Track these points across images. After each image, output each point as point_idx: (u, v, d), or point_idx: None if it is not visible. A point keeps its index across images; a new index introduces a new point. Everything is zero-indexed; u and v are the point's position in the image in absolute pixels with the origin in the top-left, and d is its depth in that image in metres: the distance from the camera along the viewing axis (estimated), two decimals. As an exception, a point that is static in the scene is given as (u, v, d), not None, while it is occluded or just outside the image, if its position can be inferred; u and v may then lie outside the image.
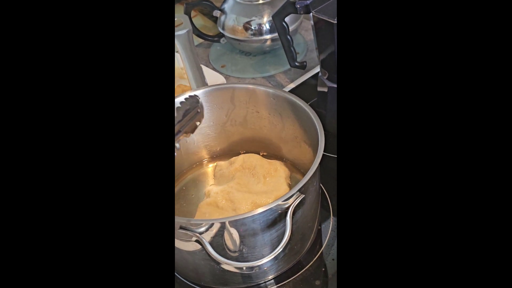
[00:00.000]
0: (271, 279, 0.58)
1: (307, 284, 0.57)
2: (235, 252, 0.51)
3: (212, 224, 0.48)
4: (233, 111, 0.67)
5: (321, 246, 0.61)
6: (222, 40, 0.98)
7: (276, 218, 0.50)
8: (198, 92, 0.65)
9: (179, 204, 0.67)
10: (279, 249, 0.48)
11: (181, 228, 0.49)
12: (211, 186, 0.66)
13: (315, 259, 0.60)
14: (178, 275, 0.60)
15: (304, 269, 0.59)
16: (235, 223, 0.48)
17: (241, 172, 0.66)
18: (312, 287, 0.57)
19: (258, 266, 0.47)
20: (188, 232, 0.49)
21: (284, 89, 0.88)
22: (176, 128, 0.61)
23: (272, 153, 0.70)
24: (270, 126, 0.67)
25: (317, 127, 0.56)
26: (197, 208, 0.63)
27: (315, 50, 0.73)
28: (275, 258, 0.47)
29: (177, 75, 0.87)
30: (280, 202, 0.48)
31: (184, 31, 0.74)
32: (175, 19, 0.75)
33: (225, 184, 0.64)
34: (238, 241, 0.50)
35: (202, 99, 0.65)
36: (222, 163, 0.69)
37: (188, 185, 0.69)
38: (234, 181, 0.64)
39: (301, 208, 0.52)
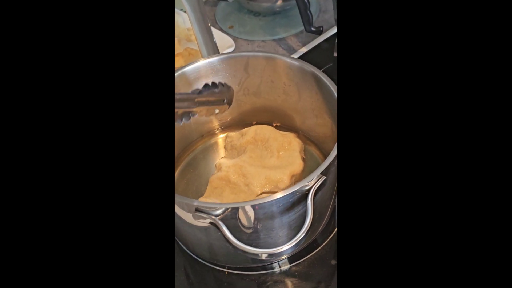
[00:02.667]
0: (284, 258, 0.56)
1: (322, 263, 0.56)
2: (249, 228, 0.49)
3: (229, 208, 0.45)
4: (246, 80, 0.63)
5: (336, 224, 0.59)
6: (230, -2, 0.93)
7: (296, 201, 0.47)
8: (210, 60, 0.60)
9: (190, 175, 0.64)
10: (301, 235, 0.45)
11: (196, 210, 0.46)
12: (222, 159, 0.63)
13: (330, 237, 0.58)
14: (191, 253, 0.58)
15: (319, 248, 0.57)
16: (253, 207, 0.46)
17: (253, 144, 0.63)
18: (328, 266, 0.56)
19: (279, 253, 0.45)
20: (204, 215, 0.46)
21: (296, 53, 0.84)
22: (189, 103, 0.58)
23: (285, 124, 0.67)
24: (285, 97, 0.63)
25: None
26: (208, 181, 0.60)
27: (333, 10, 0.68)
28: (296, 244, 0.45)
29: (184, 37, 0.82)
30: (301, 186, 0.46)
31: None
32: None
33: (237, 158, 0.62)
34: (253, 221, 0.48)
35: (214, 67, 0.61)
36: (233, 134, 0.66)
37: (197, 156, 0.66)
38: (246, 155, 0.62)
39: (322, 190, 0.49)
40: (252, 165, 0.60)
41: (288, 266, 0.56)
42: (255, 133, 0.64)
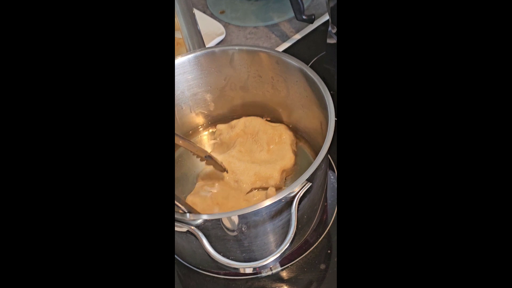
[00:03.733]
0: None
1: (311, 267, 0.54)
2: (233, 231, 0.47)
3: (208, 220, 0.43)
4: (232, 75, 0.60)
5: (327, 224, 0.57)
6: (221, -18, 0.89)
7: (282, 208, 0.45)
8: (196, 55, 0.57)
9: (176, 174, 0.62)
10: (284, 246, 0.43)
11: (176, 220, 0.44)
12: (212, 154, 0.61)
13: (320, 240, 0.56)
14: (178, 257, 0.56)
15: (309, 250, 0.55)
16: (236, 218, 0.43)
17: (243, 137, 0.61)
18: (317, 271, 0.54)
19: (263, 265, 0.43)
20: (183, 225, 0.44)
21: (289, 40, 0.80)
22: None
23: (275, 119, 0.64)
24: (273, 91, 0.60)
25: (327, 103, 0.49)
26: (197, 176, 0.58)
27: None
28: (281, 256, 0.43)
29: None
30: (286, 193, 0.43)
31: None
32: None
33: (226, 152, 0.59)
34: (236, 230, 0.46)
35: (199, 62, 0.58)
36: (222, 126, 0.64)
37: (183, 153, 0.64)
38: (235, 149, 0.59)
39: (308, 195, 0.47)
40: (241, 160, 0.57)
41: (278, 269, 0.54)
42: (244, 126, 0.61)
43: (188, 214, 0.43)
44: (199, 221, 0.44)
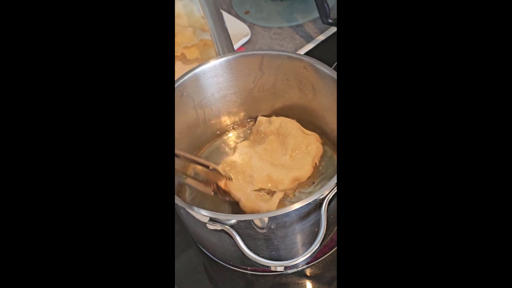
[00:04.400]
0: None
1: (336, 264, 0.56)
2: (263, 228, 0.49)
3: (242, 220, 0.46)
4: (261, 78, 0.62)
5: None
6: (246, -18, 0.91)
7: (310, 210, 0.47)
8: (226, 59, 0.59)
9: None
10: (315, 246, 0.45)
11: (210, 219, 0.47)
12: (242, 143, 0.62)
13: (345, 238, 0.58)
14: (209, 253, 0.59)
15: (334, 248, 0.57)
16: (267, 218, 0.46)
17: (275, 136, 0.62)
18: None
19: (294, 265, 0.45)
20: (218, 224, 0.46)
21: (313, 41, 0.82)
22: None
23: (301, 121, 0.66)
24: (300, 94, 0.62)
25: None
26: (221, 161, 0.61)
27: None
28: (311, 256, 0.45)
29: (199, 27, 0.81)
30: (316, 197, 0.45)
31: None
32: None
33: (252, 147, 0.61)
34: (266, 230, 0.48)
35: (229, 65, 0.60)
36: (263, 119, 0.65)
37: (212, 154, 0.66)
38: (262, 146, 0.61)
39: (336, 198, 0.49)
40: (262, 159, 0.59)
41: (304, 266, 0.57)
42: (279, 126, 0.62)
43: (223, 215, 0.46)
44: (233, 221, 0.46)
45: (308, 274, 0.56)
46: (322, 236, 0.46)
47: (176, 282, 0.57)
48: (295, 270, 0.56)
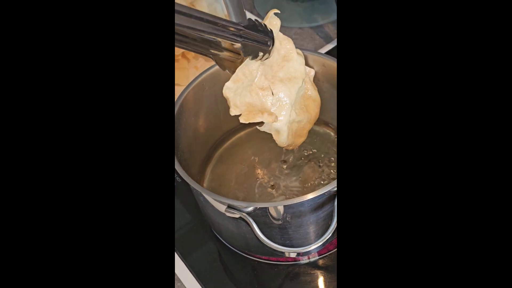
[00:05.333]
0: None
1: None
2: (278, 220, 0.51)
3: (259, 207, 0.48)
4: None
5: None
6: (269, -17, 0.93)
7: (325, 201, 0.49)
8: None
9: (223, 166, 0.67)
10: (327, 235, 0.48)
11: (229, 206, 0.49)
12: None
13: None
14: (225, 242, 0.61)
15: (347, 242, 0.59)
16: (283, 207, 0.48)
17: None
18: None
19: (306, 251, 0.47)
20: (235, 211, 0.49)
21: (332, 42, 0.84)
22: (233, 35, 0.45)
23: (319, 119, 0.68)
24: (319, 93, 0.64)
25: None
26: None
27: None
28: (323, 244, 0.47)
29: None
30: (330, 188, 0.47)
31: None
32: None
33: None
34: (282, 218, 0.50)
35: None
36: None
37: (232, 147, 0.69)
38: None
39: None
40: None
41: (316, 257, 0.59)
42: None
43: (241, 202, 0.48)
44: (251, 209, 0.48)
45: (320, 265, 0.58)
46: (334, 227, 0.48)
47: (192, 269, 0.60)
48: (307, 260, 0.58)
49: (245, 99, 0.52)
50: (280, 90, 0.53)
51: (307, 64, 0.59)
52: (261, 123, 0.54)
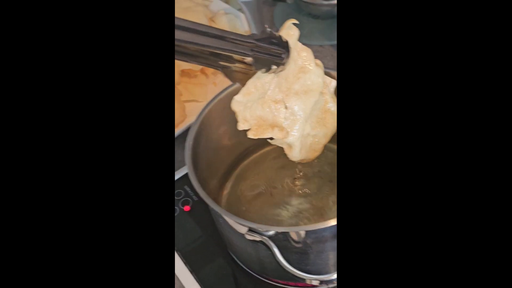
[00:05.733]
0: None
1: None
2: (298, 243, 0.50)
3: (281, 231, 0.46)
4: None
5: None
6: (289, 0, 0.92)
7: (348, 227, 0.48)
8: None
9: (241, 184, 0.65)
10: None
11: (250, 230, 0.47)
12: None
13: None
14: (241, 264, 0.59)
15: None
16: (305, 232, 0.46)
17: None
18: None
19: (329, 280, 0.46)
20: (256, 235, 0.47)
21: (353, 60, 0.82)
22: (243, 48, 0.44)
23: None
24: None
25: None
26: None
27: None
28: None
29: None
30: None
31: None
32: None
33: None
34: (303, 244, 0.49)
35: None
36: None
37: (249, 166, 0.68)
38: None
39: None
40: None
41: (335, 284, 0.57)
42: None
43: (261, 226, 0.46)
44: (271, 233, 0.47)
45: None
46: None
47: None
48: (326, 286, 0.56)
49: (255, 112, 0.50)
50: (294, 104, 0.51)
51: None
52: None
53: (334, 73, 0.59)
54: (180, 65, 0.75)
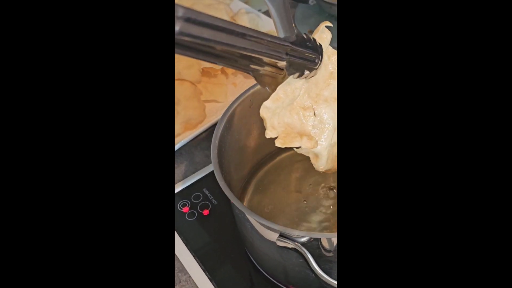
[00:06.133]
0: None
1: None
2: (330, 251, 0.47)
3: (314, 238, 0.44)
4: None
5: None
6: (311, 1, 0.90)
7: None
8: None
9: (265, 188, 0.63)
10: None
11: (281, 235, 0.45)
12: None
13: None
14: (265, 272, 0.56)
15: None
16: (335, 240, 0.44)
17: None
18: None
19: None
20: (289, 241, 0.44)
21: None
22: (278, 53, 0.41)
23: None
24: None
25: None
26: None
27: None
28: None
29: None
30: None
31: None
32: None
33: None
34: (334, 245, 0.46)
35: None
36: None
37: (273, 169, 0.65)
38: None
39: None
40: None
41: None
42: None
43: (294, 231, 0.44)
44: (305, 239, 0.44)
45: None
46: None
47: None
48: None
49: (283, 119, 0.48)
50: (324, 111, 0.49)
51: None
52: None
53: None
54: (201, 63, 0.73)
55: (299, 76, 0.46)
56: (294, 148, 0.50)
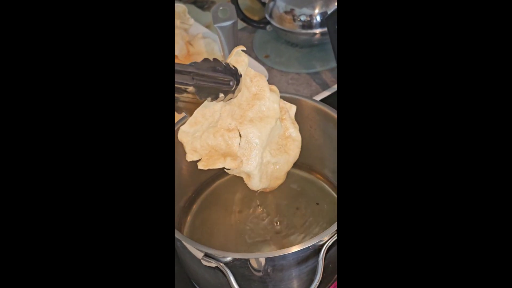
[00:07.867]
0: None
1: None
2: (259, 271, 0.48)
3: (238, 258, 0.45)
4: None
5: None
6: (268, 27, 0.93)
7: (309, 255, 0.46)
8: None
9: (206, 212, 0.64)
10: (309, 293, 0.44)
11: (205, 255, 0.46)
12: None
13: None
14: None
15: (332, 299, 0.56)
16: (263, 260, 0.45)
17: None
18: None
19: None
20: (212, 261, 0.45)
21: (329, 89, 0.82)
22: (184, 77, 0.43)
23: (308, 166, 0.65)
24: (309, 139, 0.62)
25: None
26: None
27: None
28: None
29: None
30: (315, 241, 0.44)
31: (229, 23, 0.70)
32: (220, 8, 0.70)
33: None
34: (262, 272, 0.47)
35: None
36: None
37: (217, 189, 0.66)
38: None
39: (336, 245, 0.48)
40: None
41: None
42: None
43: (217, 252, 0.45)
44: (228, 259, 0.45)
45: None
46: (317, 283, 0.44)
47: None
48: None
49: (207, 141, 0.48)
50: (249, 131, 0.49)
51: (302, 109, 0.57)
52: None
53: (308, 101, 0.59)
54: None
55: (213, 99, 0.46)
56: (225, 170, 0.51)
